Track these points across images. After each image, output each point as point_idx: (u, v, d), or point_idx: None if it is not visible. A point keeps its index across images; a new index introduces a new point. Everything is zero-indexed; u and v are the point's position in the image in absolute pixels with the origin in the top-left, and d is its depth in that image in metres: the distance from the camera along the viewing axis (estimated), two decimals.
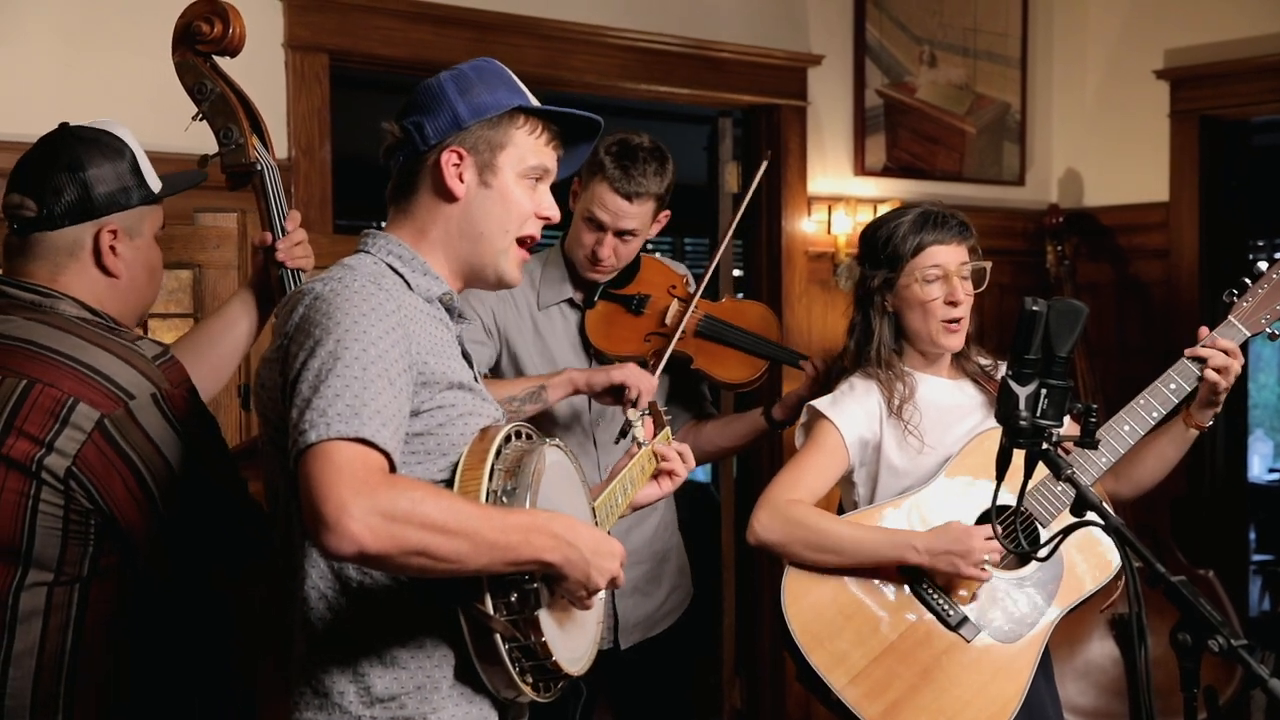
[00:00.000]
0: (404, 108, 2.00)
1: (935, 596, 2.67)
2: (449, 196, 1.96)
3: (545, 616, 1.81)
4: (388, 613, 1.83)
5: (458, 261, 1.99)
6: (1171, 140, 5.36)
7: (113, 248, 2.17)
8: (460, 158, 1.95)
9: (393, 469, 1.72)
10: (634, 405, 2.78)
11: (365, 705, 1.82)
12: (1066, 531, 2.20)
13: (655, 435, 2.41)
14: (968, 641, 2.65)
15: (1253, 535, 7.03)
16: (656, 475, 2.36)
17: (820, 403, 2.78)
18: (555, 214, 2.03)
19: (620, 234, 2.97)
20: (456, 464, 1.84)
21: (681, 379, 3.17)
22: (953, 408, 2.78)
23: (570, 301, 3.08)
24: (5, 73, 3.48)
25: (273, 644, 2.05)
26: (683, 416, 3.22)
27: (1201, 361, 2.71)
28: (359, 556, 1.65)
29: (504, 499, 1.79)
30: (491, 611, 1.77)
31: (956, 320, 2.72)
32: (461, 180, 1.95)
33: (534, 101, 2.00)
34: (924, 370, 2.79)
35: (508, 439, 1.88)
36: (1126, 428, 2.70)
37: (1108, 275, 5.58)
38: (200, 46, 2.50)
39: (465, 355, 2.00)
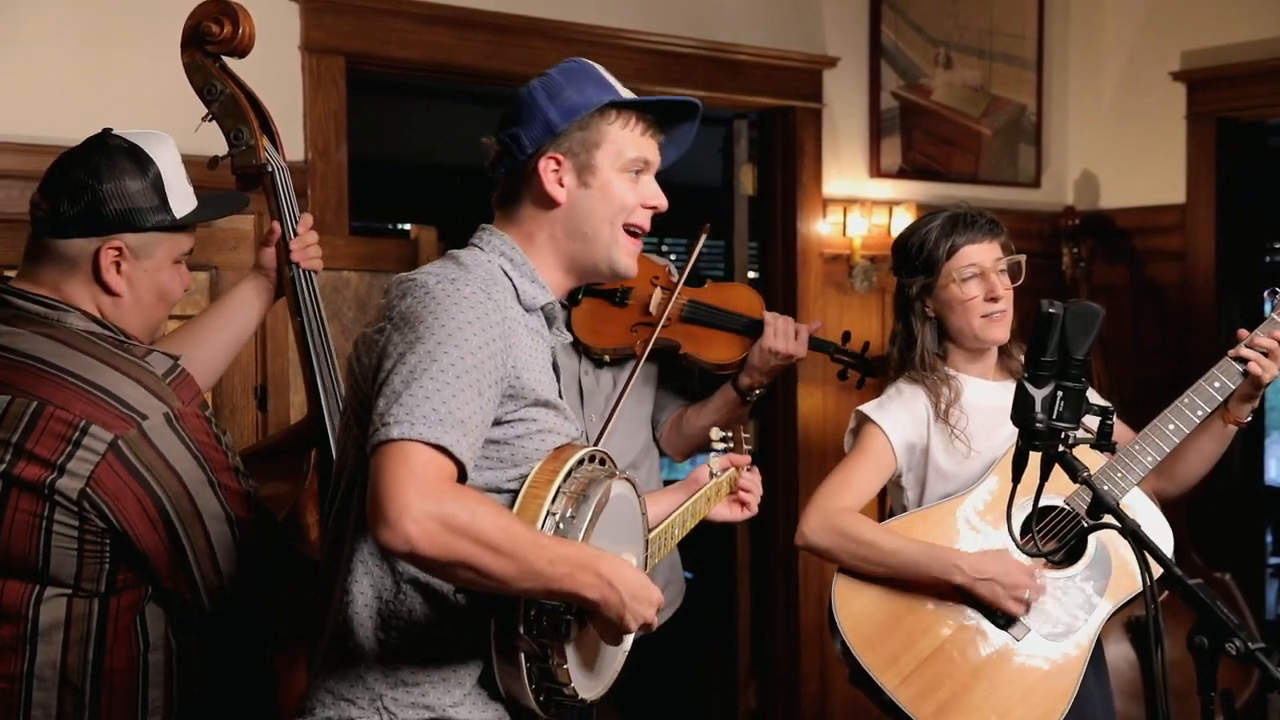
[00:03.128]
0: (500, 120, 2.03)
1: None
2: (551, 203, 1.99)
3: (571, 646, 1.86)
4: (428, 605, 1.86)
5: (567, 259, 2.02)
6: (1188, 142, 5.34)
7: (117, 264, 2.14)
8: (558, 163, 1.98)
9: (463, 479, 1.76)
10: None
11: (389, 686, 1.86)
12: (1082, 534, 2.20)
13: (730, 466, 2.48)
14: (1017, 641, 2.67)
15: (1269, 538, 7.00)
16: (730, 500, 2.47)
17: (867, 407, 2.82)
18: (662, 203, 2.05)
19: None
20: (525, 476, 1.87)
21: (671, 368, 3.19)
22: (998, 410, 2.77)
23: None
24: (16, 73, 3.50)
25: (310, 652, 2.05)
26: (673, 406, 3.24)
27: (1244, 361, 2.72)
28: (410, 556, 1.70)
29: (560, 526, 1.83)
30: (522, 631, 1.81)
31: (999, 314, 2.75)
32: (561, 185, 1.98)
33: (624, 94, 2.02)
34: (969, 372, 2.82)
35: (580, 463, 1.90)
36: (1171, 426, 2.70)
37: (1123, 277, 5.56)
38: (209, 47, 2.48)
39: (555, 367, 2.02)
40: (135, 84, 3.57)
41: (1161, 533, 2.70)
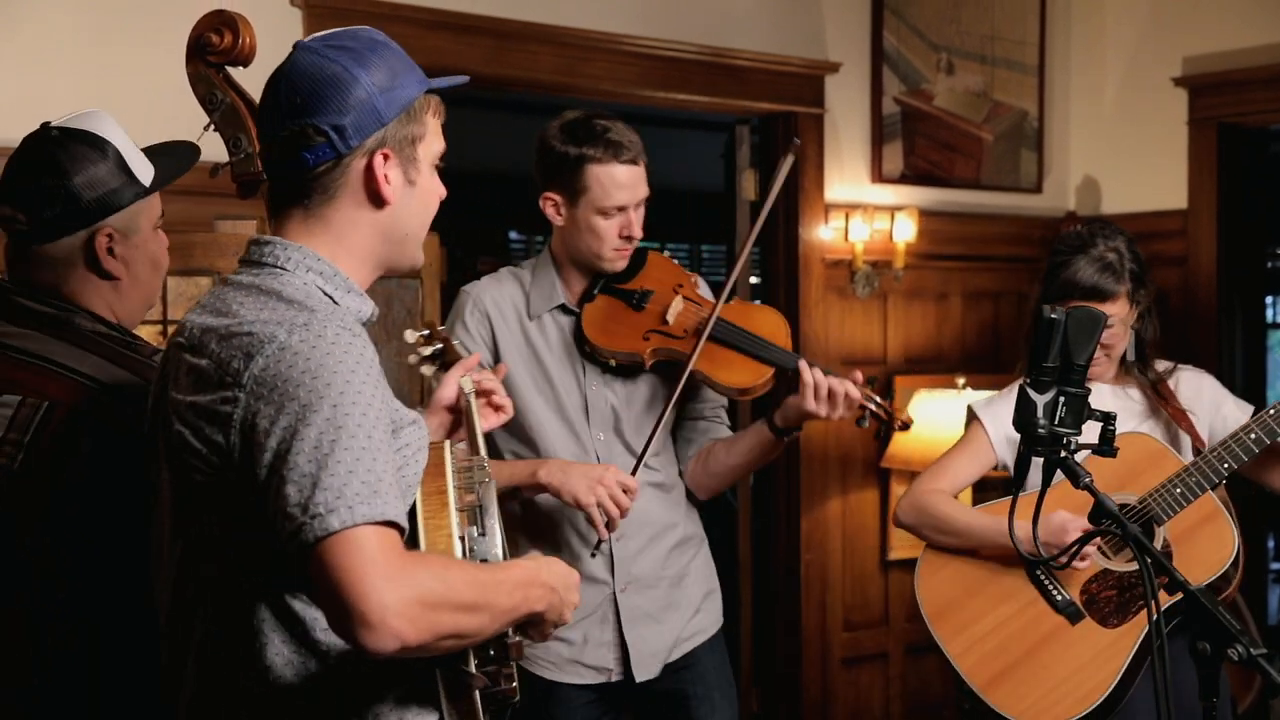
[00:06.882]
0: (307, 103, 1.75)
1: (1046, 579, 2.89)
2: (380, 203, 1.79)
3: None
4: (366, 673, 1.70)
5: (376, 261, 1.84)
6: (1190, 147, 5.34)
7: (110, 250, 2.16)
8: (386, 159, 1.78)
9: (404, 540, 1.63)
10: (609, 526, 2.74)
11: None
12: (1084, 539, 2.19)
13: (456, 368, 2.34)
14: (1071, 624, 2.85)
15: (1271, 543, 7.00)
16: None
17: (976, 404, 3.10)
18: (444, 192, 1.90)
19: (637, 205, 2.85)
20: (413, 507, 1.73)
21: (699, 398, 3.02)
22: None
23: (562, 307, 2.93)
24: (18, 77, 3.50)
25: None
26: (700, 441, 3.05)
27: None
28: (400, 651, 1.52)
29: (474, 548, 1.74)
30: (474, 669, 1.68)
31: (1101, 355, 2.94)
32: (389, 183, 1.79)
33: (427, 80, 1.87)
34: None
35: (453, 470, 1.80)
36: (1254, 436, 2.83)
37: None
38: (211, 58, 2.49)
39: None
40: (139, 88, 3.57)
41: (1223, 537, 2.83)
